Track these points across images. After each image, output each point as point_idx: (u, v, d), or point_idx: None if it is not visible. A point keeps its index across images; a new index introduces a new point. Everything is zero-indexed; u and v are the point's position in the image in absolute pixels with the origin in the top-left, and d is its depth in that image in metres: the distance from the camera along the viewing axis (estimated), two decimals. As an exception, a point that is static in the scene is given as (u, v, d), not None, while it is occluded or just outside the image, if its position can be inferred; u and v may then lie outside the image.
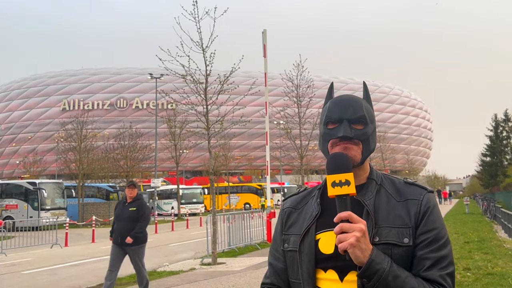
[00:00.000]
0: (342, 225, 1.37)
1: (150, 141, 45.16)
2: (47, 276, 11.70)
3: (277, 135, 46.84)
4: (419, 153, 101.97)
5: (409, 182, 1.60)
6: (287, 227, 1.67)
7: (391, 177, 1.64)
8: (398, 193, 1.56)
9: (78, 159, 34.13)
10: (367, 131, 1.59)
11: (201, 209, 42.58)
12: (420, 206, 1.52)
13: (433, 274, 1.44)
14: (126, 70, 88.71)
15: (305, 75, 22.15)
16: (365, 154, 1.58)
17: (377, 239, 1.46)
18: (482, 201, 37.99)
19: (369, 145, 1.60)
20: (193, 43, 13.18)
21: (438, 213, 1.55)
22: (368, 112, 1.62)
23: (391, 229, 1.48)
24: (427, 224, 1.50)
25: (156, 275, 11.16)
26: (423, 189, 1.57)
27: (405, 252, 1.47)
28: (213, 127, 13.92)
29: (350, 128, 1.57)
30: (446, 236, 1.52)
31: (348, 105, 1.60)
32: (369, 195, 1.55)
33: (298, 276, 1.57)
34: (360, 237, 1.36)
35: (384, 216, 1.50)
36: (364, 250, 1.37)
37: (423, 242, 1.48)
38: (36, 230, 20.06)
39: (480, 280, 8.55)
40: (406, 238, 1.48)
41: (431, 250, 1.47)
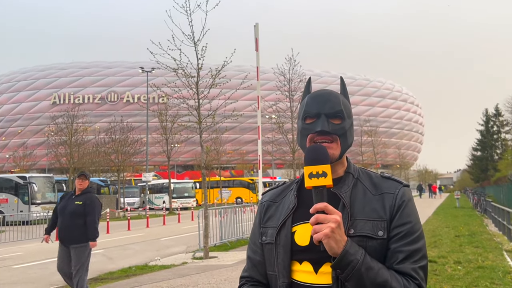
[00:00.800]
0: (317, 216, 1.39)
1: (141, 135, 45.02)
2: (38, 270, 11.62)
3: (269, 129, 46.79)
4: (410, 147, 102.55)
5: (386, 176, 1.63)
6: (265, 220, 1.69)
7: (368, 171, 1.67)
8: (374, 187, 1.59)
9: (69, 153, 33.93)
10: (344, 126, 1.61)
11: (193, 203, 42.56)
12: (395, 199, 1.54)
13: (406, 267, 1.46)
14: (117, 63, 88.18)
15: (297, 69, 22.10)
16: (342, 149, 1.60)
17: (352, 231, 1.48)
18: (473, 195, 38.29)
19: (346, 139, 1.61)
20: (185, 36, 13.10)
21: (413, 207, 1.57)
22: (345, 107, 1.64)
23: (366, 222, 1.50)
24: (401, 217, 1.52)
25: (147, 269, 11.14)
26: (398, 183, 1.59)
27: (380, 244, 1.49)
28: (205, 121, 13.87)
29: (327, 123, 1.58)
30: (420, 230, 1.54)
31: (326, 99, 1.62)
32: (346, 188, 1.57)
33: (274, 269, 1.59)
34: (335, 228, 1.37)
35: (360, 209, 1.52)
36: (338, 241, 1.39)
37: (397, 235, 1.50)
38: (27, 224, 19.94)
39: (471, 273, 8.61)
40: (381, 231, 1.50)
41: (405, 244, 1.49)
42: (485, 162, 59.53)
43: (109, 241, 18.05)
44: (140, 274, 10.43)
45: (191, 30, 13.13)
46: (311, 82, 1.80)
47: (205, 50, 13.33)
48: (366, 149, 53.82)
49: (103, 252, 14.73)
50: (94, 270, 11.40)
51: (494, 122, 59.83)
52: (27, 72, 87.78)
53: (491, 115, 60.06)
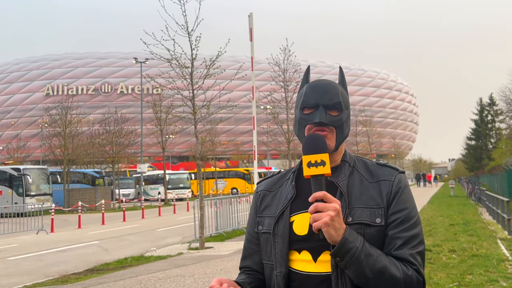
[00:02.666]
0: (316, 204, 1.40)
1: (136, 126, 44.79)
2: (33, 262, 11.61)
3: (264, 120, 46.76)
4: (405, 137, 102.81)
5: (381, 164, 1.64)
6: (261, 209, 1.69)
7: (364, 159, 1.68)
8: (370, 175, 1.60)
9: (63, 144, 33.71)
10: (341, 118, 1.61)
11: (188, 194, 42.53)
12: (391, 186, 1.56)
13: (403, 253, 1.48)
14: (111, 54, 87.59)
15: (292, 60, 22.02)
16: (339, 140, 1.61)
17: (350, 219, 1.50)
18: (467, 184, 38.49)
19: (343, 131, 1.62)
20: (178, 26, 13.00)
21: (409, 194, 1.59)
22: (343, 98, 1.63)
23: (364, 210, 1.52)
24: (398, 204, 1.54)
25: (143, 260, 11.14)
26: (394, 170, 1.61)
27: (377, 231, 1.51)
28: (200, 112, 13.82)
29: (326, 114, 1.58)
30: (417, 216, 1.56)
31: (325, 90, 1.61)
32: (343, 177, 1.58)
33: (270, 258, 1.59)
34: (334, 216, 1.38)
35: (357, 197, 1.54)
36: (337, 229, 1.40)
37: (395, 222, 1.52)
38: (21, 216, 19.88)
39: (465, 261, 8.67)
40: (378, 218, 1.51)
41: (402, 230, 1.51)
42: (479, 151, 59.81)
43: (105, 232, 18.04)
44: (136, 265, 10.43)
45: (185, 20, 13.03)
46: (308, 71, 1.77)
47: (199, 40, 13.26)
48: (361, 139, 53.91)
49: (98, 244, 14.73)
50: (89, 261, 11.40)
51: (489, 112, 60.01)
52: (20, 63, 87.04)
53: (485, 105, 60.23)
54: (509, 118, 48.95)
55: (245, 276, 1.66)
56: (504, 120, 55.50)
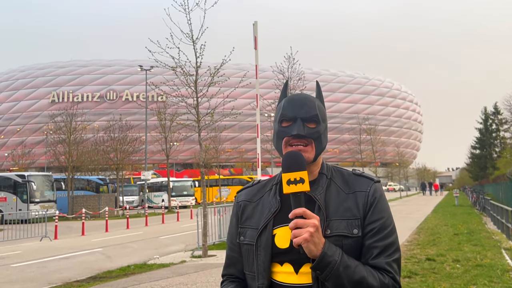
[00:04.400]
0: (296, 221, 1.44)
1: (140, 134, 45.02)
2: (36, 269, 11.61)
3: (268, 128, 46.71)
4: (409, 145, 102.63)
5: (357, 174, 1.69)
6: (243, 220, 1.72)
7: (340, 170, 1.72)
8: (347, 186, 1.64)
9: (68, 151, 33.84)
10: (319, 130, 1.65)
11: (192, 202, 42.50)
12: (367, 197, 1.60)
13: (380, 262, 1.53)
14: (116, 62, 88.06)
15: (296, 68, 22.06)
16: (317, 152, 1.65)
17: (328, 231, 1.54)
18: (472, 193, 38.32)
19: (321, 143, 1.66)
20: (183, 34, 13.07)
21: (385, 203, 1.63)
22: (320, 111, 1.68)
23: (341, 221, 1.56)
24: (374, 213, 1.58)
25: (146, 267, 11.13)
26: (370, 180, 1.65)
27: (355, 242, 1.55)
28: (204, 120, 13.86)
29: (303, 127, 1.62)
30: (392, 224, 1.61)
31: (302, 104, 1.66)
32: (320, 190, 1.62)
33: (252, 269, 1.63)
34: (314, 232, 1.43)
35: (335, 209, 1.58)
36: (317, 244, 1.45)
37: (371, 232, 1.56)
38: (25, 223, 19.92)
39: (469, 271, 8.62)
40: (355, 229, 1.55)
41: (378, 239, 1.55)
42: (484, 160, 59.53)
43: (108, 240, 18.04)
44: (139, 273, 10.42)
45: (190, 29, 13.10)
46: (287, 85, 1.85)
47: (203, 48, 13.32)
48: (365, 147, 53.80)
49: (101, 251, 14.73)
50: (92, 268, 11.40)
51: (493, 120, 59.82)
52: (26, 70, 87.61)
53: (490, 113, 60.04)
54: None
55: (233, 286, 1.70)
56: (508, 129, 55.33)
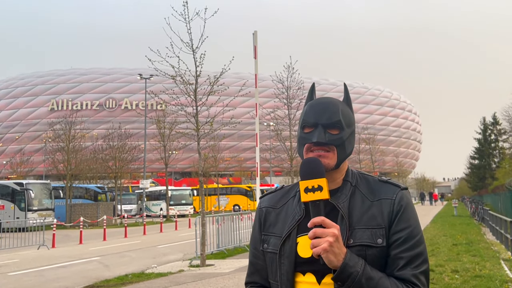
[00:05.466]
0: (315, 230, 1.39)
1: (139, 142, 44.93)
2: (34, 278, 11.55)
3: (267, 137, 46.81)
4: (408, 155, 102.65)
5: (383, 180, 1.61)
6: (266, 227, 1.67)
7: (366, 176, 1.65)
8: (372, 193, 1.57)
9: (66, 159, 33.81)
10: (342, 136, 1.58)
11: (190, 211, 42.41)
12: (393, 205, 1.53)
13: (406, 274, 1.46)
14: (116, 70, 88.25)
15: (295, 77, 22.14)
16: (340, 159, 1.58)
17: (351, 241, 1.48)
18: (471, 204, 38.29)
19: (344, 149, 1.59)
20: (183, 44, 13.14)
21: (411, 211, 1.56)
22: (345, 116, 1.61)
23: (365, 231, 1.49)
24: (400, 222, 1.51)
25: (144, 277, 11.08)
26: (396, 187, 1.58)
27: (379, 252, 1.48)
28: (203, 128, 13.88)
29: (324, 133, 1.57)
30: (420, 234, 1.53)
31: (324, 109, 1.60)
32: (343, 198, 1.56)
33: (276, 278, 1.58)
34: (333, 242, 1.37)
35: (358, 218, 1.52)
36: (337, 254, 1.39)
37: (397, 241, 1.49)
38: (23, 231, 19.84)
39: (468, 282, 8.59)
40: (380, 238, 1.49)
41: (405, 249, 1.48)
42: (482, 171, 59.55)
43: (106, 248, 17.97)
44: (137, 282, 10.37)
45: (190, 38, 13.18)
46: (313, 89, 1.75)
47: (203, 57, 13.39)
48: (364, 157, 53.80)
49: (99, 260, 14.67)
50: (90, 277, 11.35)
51: (492, 131, 59.92)
52: (25, 78, 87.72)
53: (489, 124, 60.16)
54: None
55: None
56: (507, 140, 55.41)
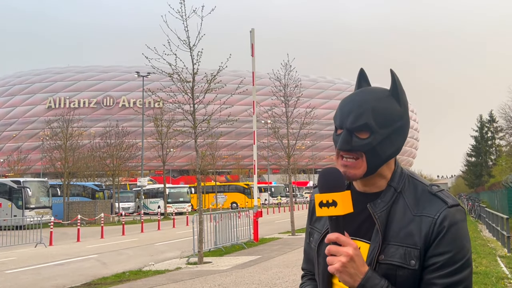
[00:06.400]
0: (329, 247, 1.31)
1: (137, 140, 44.91)
2: (31, 276, 11.55)
3: (265, 134, 46.84)
4: (405, 153, 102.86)
5: (432, 192, 1.41)
6: (313, 220, 1.59)
7: (416, 182, 1.46)
8: (416, 205, 1.40)
9: (64, 157, 33.76)
10: (371, 141, 1.38)
11: (188, 208, 42.44)
12: (433, 226, 1.35)
13: None
14: (113, 68, 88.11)
15: (292, 75, 22.14)
16: (371, 165, 1.39)
17: (382, 257, 1.36)
18: (467, 201, 38.41)
19: (377, 154, 1.39)
20: (180, 41, 13.13)
21: (458, 233, 1.36)
22: (378, 115, 1.39)
23: (398, 248, 1.35)
24: (439, 246, 1.34)
25: (141, 274, 11.10)
26: (443, 204, 1.38)
27: (412, 274, 1.34)
28: (200, 126, 13.88)
29: (350, 138, 1.39)
30: (464, 260, 1.34)
31: (351, 109, 1.41)
32: (383, 206, 1.40)
33: (317, 276, 1.53)
34: (346, 262, 1.27)
35: (395, 232, 1.37)
36: (353, 274, 1.28)
37: (432, 266, 1.33)
38: (20, 229, 19.81)
39: (464, 279, 8.61)
40: (413, 260, 1.34)
41: (441, 276, 1.32)
42: (479, 168, 59.75)
43: (103, 246, 17.98)
44: (134, 279, 10.39)
45: (187, 36, 13.17)
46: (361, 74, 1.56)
47: (200, 55, 13.38)
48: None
49: (97, 257, 14.68)
50: (87, 275, 11.35)
51: (489, 128, 60.12)
52: (22, 76, 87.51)
53: (486, 121, 60.35)
54: (509, 135, 48.96)
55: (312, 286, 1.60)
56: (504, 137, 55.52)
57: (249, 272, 10.59)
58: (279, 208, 46.38)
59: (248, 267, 11.42)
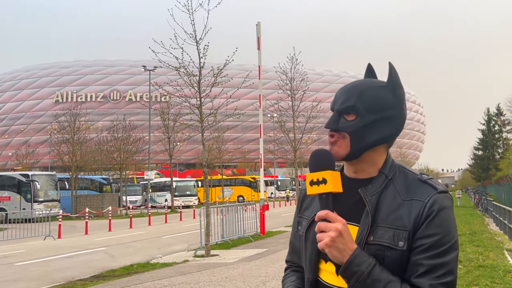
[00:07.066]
0: (319, 224, 1.34)
1: (144, 134, 45.04)
2: (40, 268, 11.69)
3: (271, 128, 46.83)
4: (412, 146, 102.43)
5: (422, 179, 1.46)
6: (302, 209, 1.64)
7: (406, 171, 1.50)
8: (406, 191, 1.44)
9: (71, 151, 33.95)
10: (356, 122, 1.45)
11: (195, 202, 42.63)
12: (423, 209, 1.39)
13: (423, 282, 1.33)
14: (120, 62, 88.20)
15: (299, 68, 22.12)
16: (354, 147, 1.45)
17: (371, 238, 1.39)
18: (474, 194, 38.27)
19: (361, 137, 1.45)
20: (187, 35, 13.14)
21: (446, 218, 1.39)
22: (366, 100, 1.46)
23: (387, 230, 1.39)
24: (428, 228, 1.37)
25: (149, 266, 11.20)
26: (432, 189, 1.42)
27: (400, 256, 1.37)
28: (207, 120, 13.92)
29: (338, 119, 1.48)
30: (450, 244, 1.37)
31: (342, 93, 1.52)
32: (373, 191, 1.45)
33: (303, 262, 1.56)
34: (336, 237, 1.31)
35: (385, 215, 1.41)
36: (341, 250, 1.32)
37: (420, 247, 1.36)
38: (29, 222, 20.02)
39: (472, 272, 8.64)
40: (401, 241, 1.37)
41: (427, 257, 1.35)
42: (486, 161, 59.44)
43: (111, 239, 18.13)
44: (142, 272, 10.48)
45: (193, 29, 13.17)
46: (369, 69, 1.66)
47: (207, 49, 13.38)
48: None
49: (105, 250, 14.81)
50: (95, 267, 11.47)
51: (496, 122, 59.73)
52: (30, 71, 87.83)
53: (493, 115, 59.96)
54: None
55: (294, 278, 1.62)
56: (511, 131, 55.26)
57: (256, 265, 10.65)
58: (286, 202, 46.48)
59: (255, 260, 11.48)
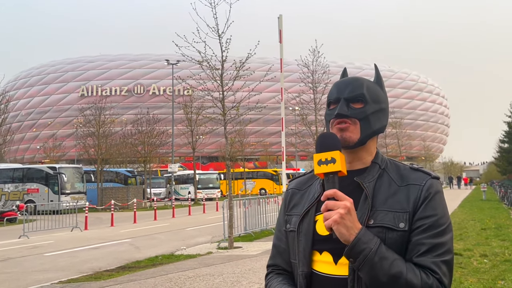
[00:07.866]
0: (327, 202, 1.37)
1: (167, 127, 45.52)
2: (68, 258, 11.99)
3: (293, 121, 46.61)
4: (436, 139, 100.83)
5: (414, 168, 1.56)
6: (290, 208, 1.67)
7: (396, 162, 1.60)
8: (400, 178, 1.53)
9: (97, 144, 34.54)
10: (365, 110, 1.55)
11: (217, 194, 42.91)
12: (421, 191, 1.48)
13: (425, 260, 1.39)
14: (143, 56, 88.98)
15: (321, 61, 22.00)
16: (364, 134, 1.55)
17: (372, 221, 1.44)
18: (500, 188, 37.54)
19: (369, 124, 1.55)
20: (209, 29, 13.22)
21: (440, 200, 1.49)
22: (370, 91, 1.59)
23: (387, 213, 1.45)
24: (426, 209, 1.45)
25: (173, 258, 11.37)
26: (427, 175, 1.52)
27: (400, 237, 1.43)
28: (229, 113, 13.99)
29: (347, 107, 1.55)
30: (446, 225, 1.46)
31: (347, 84, 1.60)
32: (370, 178, 1.52)
33: (296, 257, 1.57)
34: (344, 214, 1.34)
35: (383, 200, 1.48)
36: (349, 228, 1.35)
37: (420, 228, 1.43)
38: (57, 214, 20.48)
39: (497, 266, 8.54)
40: (402, 222, 1.43)
41: (427, 236, 1.42)
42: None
43: (136, 231, 18.42)
44: (166, 263, 10.65)
45: (216, 23, 13.23)
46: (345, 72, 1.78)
47: (229, 42, 13.44)
48: (391, 141, 53.23)
49: (130, 241, 15.07)
50: (121, 259, 11.70)
51: (523, 114, 58.25)
52: (56, 65, 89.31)
53: (519, 107, 58.48)
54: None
55: (281, 278, 1.63)
56: (539, 123, 53.88)
57: (278, 257, 10.69)
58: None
59: (277, 252, 11.53)
